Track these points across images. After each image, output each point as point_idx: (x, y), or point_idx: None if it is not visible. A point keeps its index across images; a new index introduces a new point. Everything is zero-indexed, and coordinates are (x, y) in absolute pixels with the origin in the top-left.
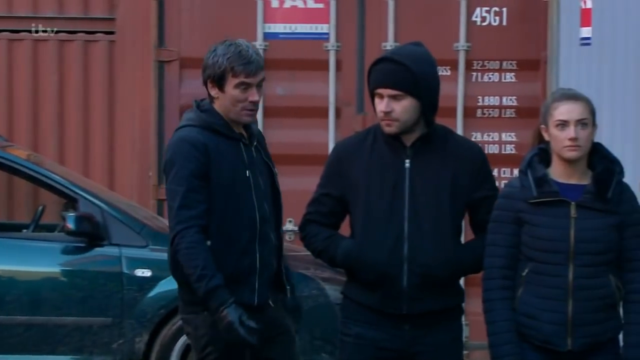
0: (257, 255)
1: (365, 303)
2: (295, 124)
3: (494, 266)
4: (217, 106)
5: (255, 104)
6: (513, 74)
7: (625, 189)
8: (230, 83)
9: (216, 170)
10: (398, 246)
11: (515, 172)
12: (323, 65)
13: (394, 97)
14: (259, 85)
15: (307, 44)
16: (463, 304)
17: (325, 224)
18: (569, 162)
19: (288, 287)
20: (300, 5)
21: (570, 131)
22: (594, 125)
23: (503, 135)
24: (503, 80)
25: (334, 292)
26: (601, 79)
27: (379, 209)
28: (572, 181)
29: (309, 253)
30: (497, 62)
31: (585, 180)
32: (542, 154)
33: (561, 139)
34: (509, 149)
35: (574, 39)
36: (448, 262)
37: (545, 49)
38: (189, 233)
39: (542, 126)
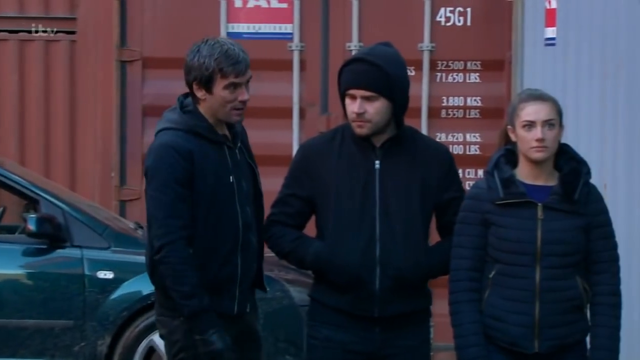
0: (239, 264)
1: (335, 306)
2: (259, 125)
3: (460, 268)
4: (203, 108)
5: (244, 103)
6: (477, 74)
7: (592, 190)
8: (219, 84)
9: (200, 178)
10: (370, 248)
11: (480, 172)
12: (287, 66)
13: (367, 98)
14: (247, 84)
15: (270, 44)
16: (431, 307)
17: (291, 225)
18: (536, 163)
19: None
20: (264, 5)
21: (537, 132)
22: (560, 125)
23: (467, 135)
24: (467, 81)
25: (298, 294)
26: (566, 79)
27: (349, 210)
28: (539, 182)
29: (273, 254)
30: (462, 62)
31: (552, 182)
32: (509, 154)
33: (528, 140)
34: (474, 150)
35: (539, 40)
36: (419, 265)
37: (509, 49)
38: (179, 246)
39: (509, 127)
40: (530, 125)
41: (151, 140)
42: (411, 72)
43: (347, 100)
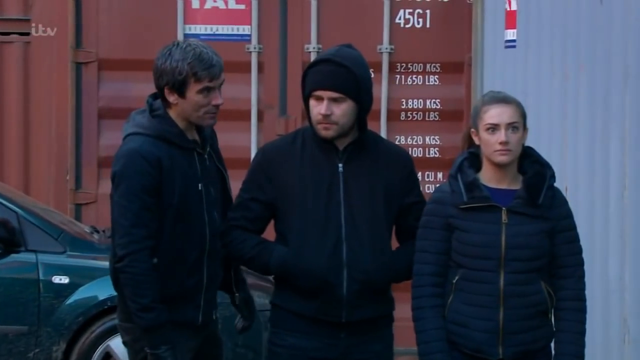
0: (205, 273)
1: (300, 312)
2: (216, 127)
3: (423, 273)
4: (174, 112)
5: (218, 107)
6: (437, 76)
7: (557, 194)
8: (193, 89)
9: (168, 187)
10: (337, 252)
11: (440, 175)
12: (245, 68)
13: (334, 100)
14: (219, 87)
15: (228, 45)
16: (393, 312)
17: (251, 229)
18: (500, 166)
19: (240, 286)
20: (222, 6)
21: (501, 135)
22: (524, 128)
23: (427, 138)
24: (427, 83)
25: (257, 299)
26: (526, 81)
27: (314, 213)
28: (503, 186)
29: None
30: (421, 64)
31: (516, 185)
32: (473, 158)
33: (491, 143)
34: (433, 153)
35: (499, 41)
36: (386, 268)
37: (469, 51)
38: (141, 257)
39: (472, 130)
40: (493, 128)
41: (107, 143)
42: (371, 75)
43: (313, 102)
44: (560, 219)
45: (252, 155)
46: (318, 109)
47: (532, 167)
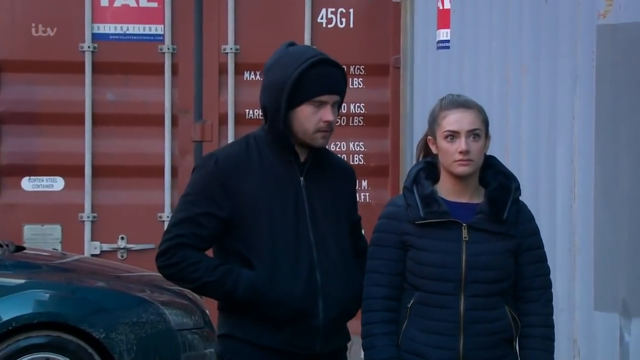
0: None
1: (265, 344)
2: (127, 133)
3: (375, 297)
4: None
5: None
6: (361, 79)
7: (523, 209)
8: None
9: None
10: (312, 277)
11: (365, 183)
12: (158, 69)
13: (333, 105)
14: None
15: (140, 46)
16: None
17: (202, 249)
18: (460, 178)
19: None
20: (132, 4)
21: (461, 143)
22: (487, 136)
23: (351, 144)
24: (351, 86)
25: (175, 317)
26: (462, 84)
27: (285, 234)
28: (463, 200)
29: (145, 273)
30: (344, 66)
31: (478, 199)
32: (430, 168)
33: (451, 153)
34: (358, 159)
35: (430, 42)
36: (359, 293)
37: (395, 52)
38: None
39: (429, 137)
40: (452, 135)
41: (9, 150)
42: None
43: (310, 108)
44: (527, 236)
45: (166, 162)
46: (321, 115)
47: (496, 179)
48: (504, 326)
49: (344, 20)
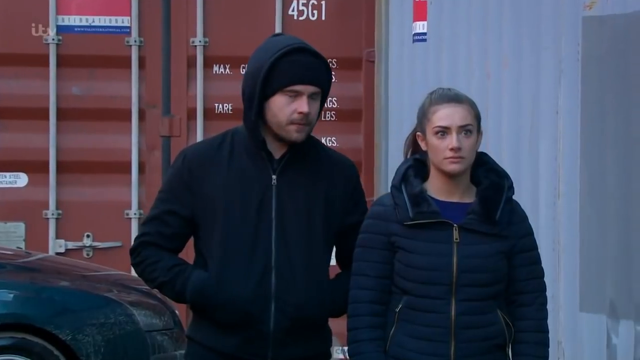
0: None
1: (219, 349)
2: (93, 128)
3: (361, 300)
4: None
5: None
6: (333, 73)
7: (516, 208)
8: None
9: None
10: (265, 280)
11: None
12: (125, 63)
13: (312, 96)
14: None
15: (106, 38)
16: (331, 349)
17: (167, 248)
18: (450, 176)
19: None
20: None
21: (452, 140)
22: (479, 132)
23: (323, 139)
24: None
25: (144, 318)
26: (440, 79)
27: (241, 234)
28: (454, 199)
29: (111, 272)
30: None
31: (469, 198)
32: (418, 165)
33: (441, 149)
34: None
35: (407, 35)
36: (322, 301)
37: (368, 46)
38: None
39: (418, 133)
40: (443, 131)
41: None
42: None
43: (283, 98)
44: (520, 237)
45: (133, 158)
46: (296, 106)
47: (488, 177)
48: (497, 331)
49: (315, 12)
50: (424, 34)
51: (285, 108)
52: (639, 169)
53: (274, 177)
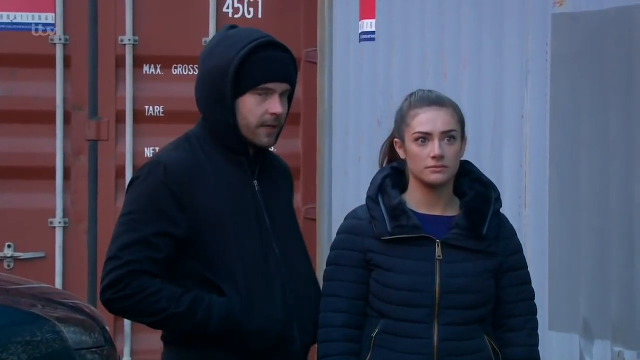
0: None
1: None
2: (14, 131)
3: (333, 325)
4: None
5: None
6: None
7: (504, 222)
8: None
9: None
10: (286, 300)
11: None
12: (49, 62)
13: (282, 95)
14: None
15: (28, 36)
16: None
17: (158, 275)
18: (432, 187)
19: None
20: None
21: (434, 147)
22: (463, 138)
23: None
24: None
25: (73, 335)
26: (390, 80)
27: (254, 249)
28: (436, 212)
29: (35, 285)
30: None
31: (453, 211)
32: (397, 175)
33: (422, 158)
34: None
35: (353, 34)
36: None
37: (309, 45)
38: None
39: (396, 140)
40: (424, 138)
41: None
42: (195, 72)
43: (255, 98)
44: (509, 255)
45: (58, 163)
46: (267, 106)
47: (473, 188)
48: (484, 359)
49: (252, 10)
50: (372, 32)
51: (257, 109)
52: (617, 176)
53: (255, 182)
